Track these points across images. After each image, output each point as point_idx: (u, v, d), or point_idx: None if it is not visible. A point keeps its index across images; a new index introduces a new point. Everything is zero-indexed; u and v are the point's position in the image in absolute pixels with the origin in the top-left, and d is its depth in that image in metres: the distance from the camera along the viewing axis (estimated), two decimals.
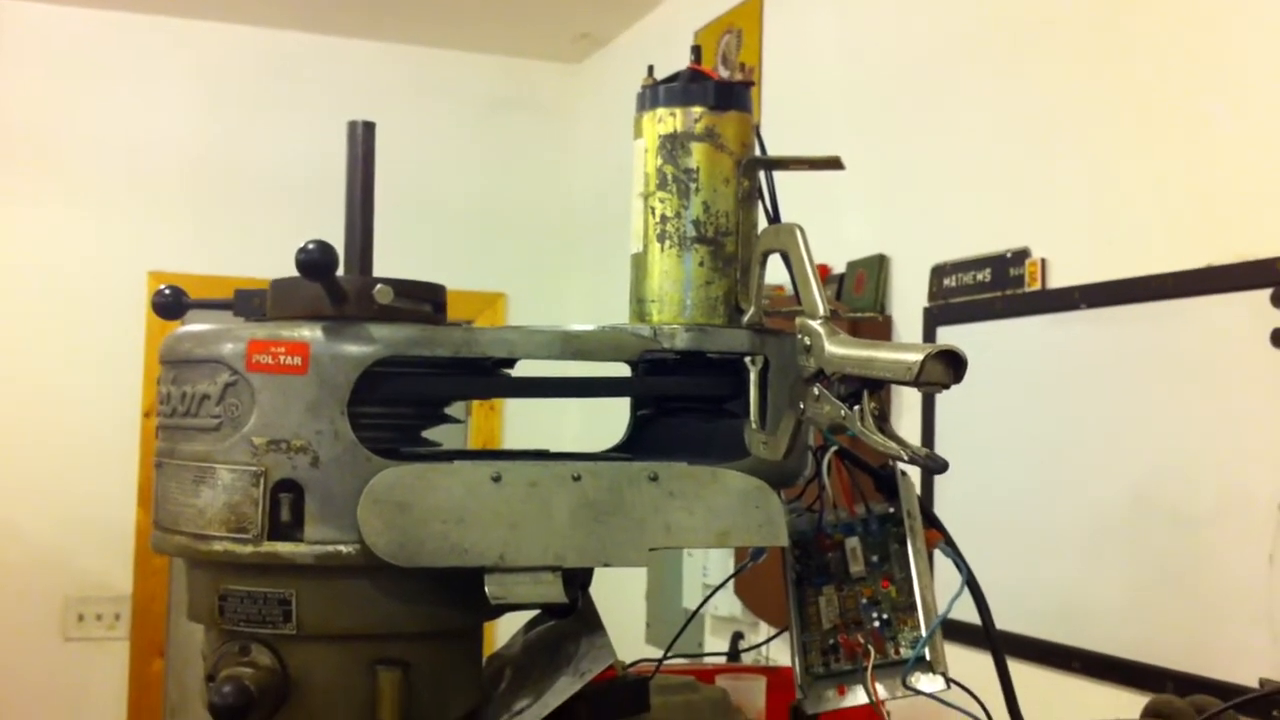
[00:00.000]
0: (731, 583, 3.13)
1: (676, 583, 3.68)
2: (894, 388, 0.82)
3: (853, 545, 1.07)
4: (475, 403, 4.66)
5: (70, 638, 4.50)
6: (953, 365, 0.80)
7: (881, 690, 1.00)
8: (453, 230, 4.84)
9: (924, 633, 1.00)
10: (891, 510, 1.07)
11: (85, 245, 4.52)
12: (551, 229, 4.98)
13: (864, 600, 1.05)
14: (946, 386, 0.79)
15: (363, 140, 1.06)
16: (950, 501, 2.56)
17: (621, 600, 3.88)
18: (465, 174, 4.88)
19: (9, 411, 4.42)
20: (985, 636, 1.06)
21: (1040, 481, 2.41)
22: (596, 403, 1.22)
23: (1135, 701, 1.35)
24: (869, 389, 0.86)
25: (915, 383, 0.80)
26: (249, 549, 0.97)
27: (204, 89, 4.65)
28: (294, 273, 0.96)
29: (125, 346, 4.48)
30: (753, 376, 1.02)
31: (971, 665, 1.08)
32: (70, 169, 4.53)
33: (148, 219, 4.57)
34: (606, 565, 1.00)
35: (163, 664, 4.59)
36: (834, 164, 1.02)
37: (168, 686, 4.62)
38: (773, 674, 2.51)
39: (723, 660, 2.90)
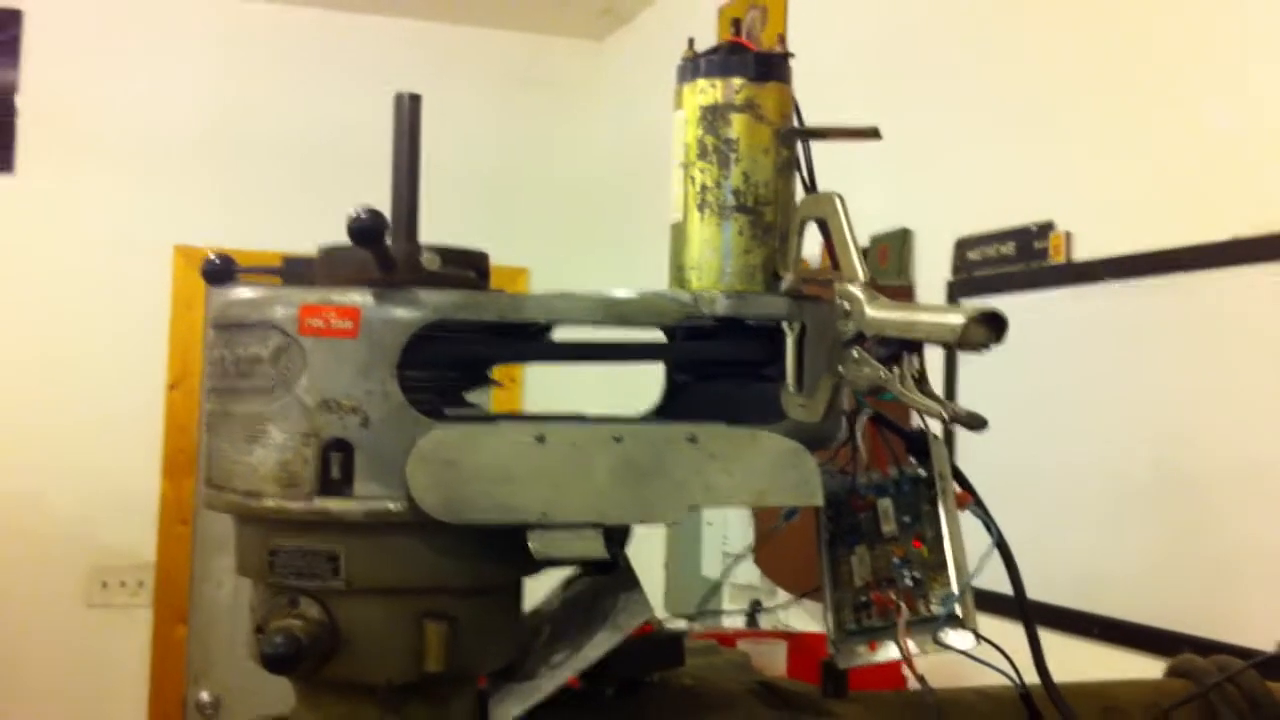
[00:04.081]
0: (750, 551, 3.17)
1: (695, 551, 3.72)
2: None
3: (885, 506, 1.09)
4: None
5: (94, 604, 4.55)
6: (994, 328, 0.83)
7: (913, 645, 1.03)
8: (475, 205, 4.86)
9: (955, 590, 1.03)
10: (923, 472, 1.09)
11: (112, 220, 4.55)
12: (574, 204, 5.00)
13: (895, 559, 1.08)
14: (987, 347, 0.82)
15: (409, 112, 1.08)
16: (971, 470, 2.59)
17: (640, 568, 3.91)
18: (488, 150, 4.90)
19: (36, 384, 4.47)
20: (1014, 598, 1.09)
21: (1061, 451, 2.44)
22: (619, 374, 1.24)
23: (1153, 666, 1.38)
24: (907, 351, 0.88)
25: (957, 344, 0.83)
26: (300, 505, 1.00)
27: (229, 66, 4.68)
28: (319, 245, 0.99)
29: (150, 320, 4.52)
30: (790, 341, 1.05)
31: (997, 632, 1.11)
32: (97, 145, 4.56)
33: (174, 194, 4.60)
34: (645, 523, 1.03)
35: (185, 630, 4.64)
36: (872, 134, 1.04)
37: (190, 653, 4.67)
38: (793, 639, 2.55)
39: (740, 623, 2.94)
